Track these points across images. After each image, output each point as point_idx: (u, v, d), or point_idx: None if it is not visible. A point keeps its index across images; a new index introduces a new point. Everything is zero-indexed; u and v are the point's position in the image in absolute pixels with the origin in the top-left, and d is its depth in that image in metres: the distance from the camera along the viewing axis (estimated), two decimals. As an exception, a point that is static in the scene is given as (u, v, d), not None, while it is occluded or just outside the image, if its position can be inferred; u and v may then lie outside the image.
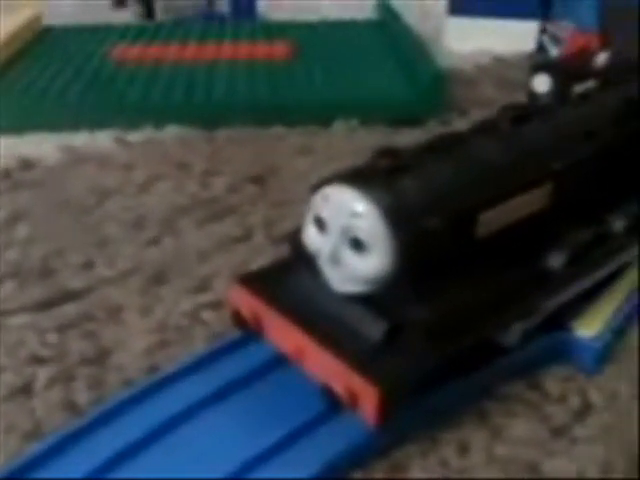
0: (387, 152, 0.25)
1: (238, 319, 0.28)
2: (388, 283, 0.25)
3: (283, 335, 0.27)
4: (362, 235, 0.24)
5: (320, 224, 0.26)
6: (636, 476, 0.27)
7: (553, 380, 0.30)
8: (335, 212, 0.25)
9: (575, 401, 0.30)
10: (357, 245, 0.24)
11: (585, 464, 0.27)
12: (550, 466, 0.27)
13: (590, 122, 0.30)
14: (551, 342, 0.31)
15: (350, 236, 0.24)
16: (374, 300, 0.26)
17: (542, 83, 0.33)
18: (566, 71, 0.33)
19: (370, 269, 0.24)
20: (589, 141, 0.29)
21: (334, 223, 0.25)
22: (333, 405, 0.25)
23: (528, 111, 0.29)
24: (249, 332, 0.28)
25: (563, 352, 0.31)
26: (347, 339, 0.25)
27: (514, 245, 0.27)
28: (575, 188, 0.29)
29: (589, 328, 0.31)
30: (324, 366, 0.25)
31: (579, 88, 0.32)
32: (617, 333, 0.32)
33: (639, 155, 0.32)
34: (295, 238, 0.28)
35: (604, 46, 0.37)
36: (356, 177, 0.25)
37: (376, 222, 0.24)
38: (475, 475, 0.27)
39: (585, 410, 0.29)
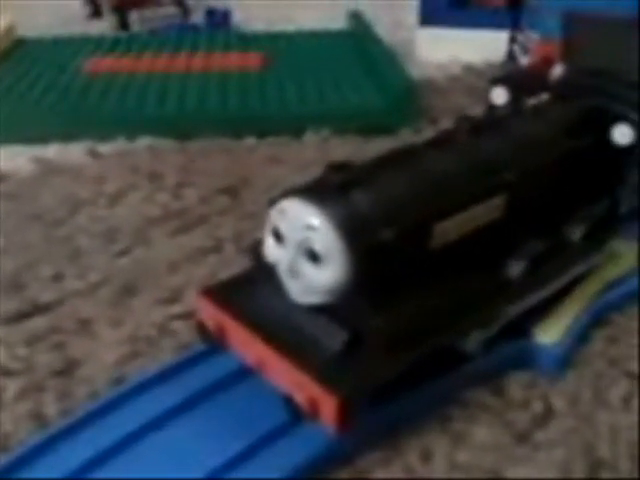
0: (340, 166, 0.26)
1: (202, 330, 0.28)
2: (346, 294, 0.25)
3: (245, 346, 0.27)
4: (317, 247, 0.25)
5: (278, 236, 0.26)
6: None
7: (516, 386, 0.31)
8: (291, 225, 0.25)
9: (538, 406, 0.30)
10: (313, 257, 0.25)
11: (546, 469, 0.28)
12: (513, 472, 0.28)
13: (543, 133, 0.31)
14: (513, 349, 0.31)
15: (306, 248, 0.25)
16: (334, 311, 0.26)
17: (500, 95, 0.34)
18: (522, 83, 0.33)
19: (326, 280, 0.25)
20: (542, 152, 0.30)
21: (291, 236, 0.25)
22: (295, 415, 0.25)
23: (484, 123, 0.29)
24: (213, 344, 0.28)
25: (525, 358, 0.32)
26: (308, 349, 0.26)
27: (471, 255, 0.28)
28: (530, 198, 0.30)
29: (550, 334, 0.32)
30: (285, 376, 0.25)
31: (534, 100, 0.33)
32: (578, 339, 0.33)
33: (594, 165, 0.32)
34: (257, 250, 0.28)
35: (564, 56, 0.38)
36: (311, 191, 0.25)
37: (330, 235, 0.24)
38: (438, 482, 0.27)
39: (548, 415, 0.30)
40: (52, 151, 0.53)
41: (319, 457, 0.26)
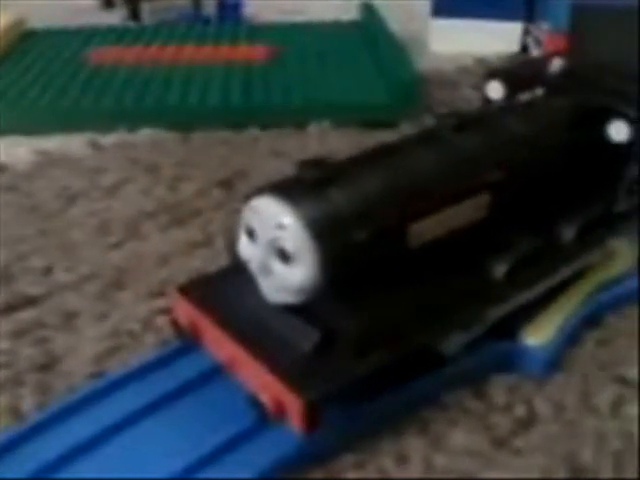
0: (315, 163, 0.25)
1: (177, 328, 0.28)
2: (318, 294, 0.25)
3: (217, 344, 0.27)
4: (288, 246, 0.24)
5: (250, 234, 0.25)
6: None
7: (499, 389, 0.30)
8: (263, 223, 0.25)
9: (520, 411, 0.29)
10: (284, 256, 0.24)
11: (524, 475, 0.27)
12: (489, 477, 0.27)
13: (534, 130, 0.30)
14: (497, 350, 0.30)
15: (277, 247, 0.24)
16: (307, 311, 0.25)
17: (495, 90, 0.33)
18: (518, 78, 0.32)
19: (296, 280, 0.24)
20: (532, 149, 0.29)
21: (262, 234, 0.25)
22: (261, 415, 0.25)
23: (471, 119, 0.28)
24: (187, 341, 0.28)
25: (511, 361, 0.31)
26: (278, 349, 0.25)
27: (453, 255, 0.27)
28: (517, 197, 0.29)
29: (538, 336, 0.31)
30: (253, 376, 0.25)
31: (527, 95, 0.32)
32: (569, 341, 0.32)
33: (589, 163, 0.31)
34: (233, 247, 0.28)
35: (570, 49, 0.36)
36: (284, 189, 0.25)
37: (300, 234, 0.24)
38: (413, 486, 0.26)
39: (530, 420, 0.29)
40: (53, 142, 0.53)
41: (289, 458, 0.26)
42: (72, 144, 0.53)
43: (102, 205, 0.45)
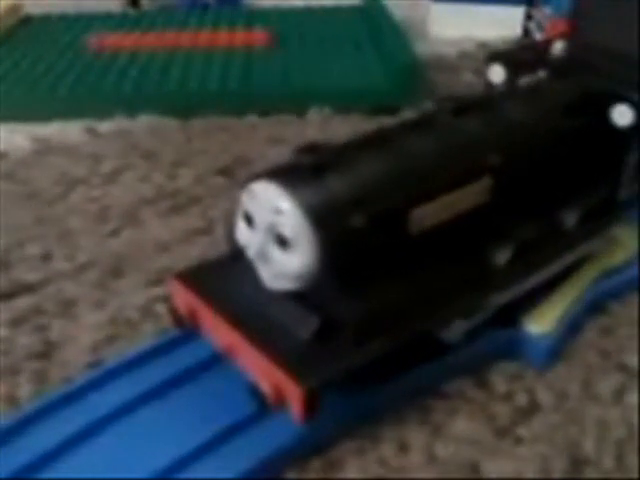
0: (312, 147, 0.25)
1: (175, 315, 0.28)
2: (317, 280, 0.24)
3: (216, 332, 0.26)
4: (286, 232, 0.24)
5: (249, 220, 0.25)
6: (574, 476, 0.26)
7: (500, 377, 0.30)
8: (261, 209, 0.24)
9: (522, 400, 0.29)
10: (282, 242, 0.24)
11: (525, 464, 0.26)
12: (490, 466, 0.27)
13: (535, 114, 0.29)
14: (499, 338, 0.30)
15: (275, 233, 0.24)
16: (306, 297, 0.25)
17: (497, 73, 0.32)
18: (520, 61, 0.32)
19: (295, 266, 0.24)
20: (533, 134, 0.29)
21: (260, 219, 0.24)
22: (261, 403, 0.24)
23: (469, 103, 0.28)
24: (186, 329, 0.28)
25: (513, 349, 0.31)
26: (277, 337, 0.25)
27: (453, 241, 0.27)
28: (519, 182, 0.28)
29: (540, 324, 0.31)
30: (253, 364, 0.25)
31: (529, 78, 0.31)
32: (571, 329, 0.32)
33: (592, 148, 0.31)
34: (232, 233, 0.27)
35: (571, 32, 0.36)
36: (282, 173, 0.24)
37: (298, 219, 0.23)
38: (413, 475, 0.26)
39: (531, 409, 0.29)
40: (52, 129, 0.52)
41: (289, 446, 0.26)
42: (70, 131, 0.52)
43: (100, 192, 0.44)
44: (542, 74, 0.32)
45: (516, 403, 0.29)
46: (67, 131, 0.52)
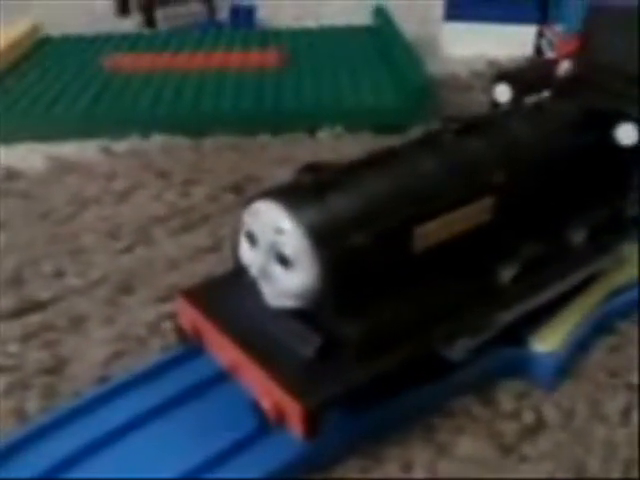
0: (314, 167, 0.25)
1: (181, 332, 0.28)
2: (320, 298, 0.24)
3: (220, 349, 0.27)
4: (287, 251, 0.24)
5: (251, 239, 0.25)
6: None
7: (507, 395, 0.30)
8: (263, 228, 0.25)
9: (528, 417, 0.29)
10: (283, 261, 0.24)
11: (529, 483, 0.26)
12: (493, 484, 0.26)
13: (539, 133, 0.29)
14: (505, 357, 0.30)
15: (277, 252, 0.24)
16: (309, 316, 0.25)
17: (502, 93, 0.32)
18: (526, 80, 0.32)
19: (296, 285, 0.24)
20: (537, 152, 0.29)
21: (262, 238, 0.25)
22: (262, 421, 0.24)
23: (473, 122, 0.28)
24: (191, 345, 0.28)
25: (519, 367, 0.30)
26: (280, 355, 0.25)
27: (458, 259, 0.27)
28: (523, 200, 0.28)
29: (547, 342, 0.31)
30: (255, 382, 0.25)
31: (533, 98, 0.32)
32: (578, 347, 0.32)
33: (598, 166, 0.31)
34: (237, 251, 0.27)
35: (582, 51, 0.36)
36: (284, 193, 0.25)
37: (299, 239, 0.24)
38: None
39: (538, 427, 0.29)
40: (67, 149, 0.53)
41: (290, 463, 0.26)
42: (86, 150, 0.53)
43: (113, 210, 0.45)
44: (547, 94, 0.32)
45: (522, 421, 0.29)
46: (83, 150, 0.53)
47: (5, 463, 0.27)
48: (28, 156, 0.52)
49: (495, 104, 0.33)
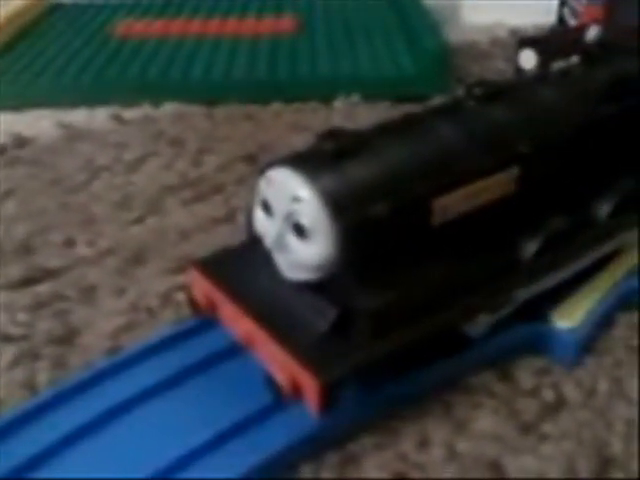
0: (334, 134, 0.24)
1: (193, 304, 0.27)
2: (336, 271, 0.24)
3: (234, 322, 0.26)
4: (304, 221, 0.23)
5: (266, 208, 0.25)
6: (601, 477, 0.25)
7: (526, 372, 0.29)
8: (279, 196, 0.24)
9: (548, 395, 0.28)
10: (300, 231, 0.23)
11: (549, 463, 0.26)
12: (513, 464, 0.26)
13: (567, 101, 0.28)
14: (525, 333, 0.29)
15: (293, 221, 0.23)
16: (325, 288, 0.24)
17: (528, 59, 0.31)
18: (553, 46, 0.30)
19: (312, 256, 0.23)
20: (564, 121, 0.27)
21: (278, 207, 0.24)
22: (276, 395, 0.24)
23: (498, 89, 0.27)
24: (204, 317, 0.27)
25: (540, 344, 0.30)
26: (295, 328, 0.24)
27: (479, 233, 0.26)
28: (548, 172, 0.27)
29: (568, 319, 0.30)
30: (269, 355, 0.24)
31: (561, 64, 0.30)
32: (601, 324, 0.31)
33: (627, 136, 0.30)
34: (251, 221, 0.27)
35: (607, 18, 0.34)
36: (301, 160, 0.24)
37: (317, 208, 0.23)
38: (433, 471, 0.26)
39: (558, 405, 0.28)
40: (77, 116, 0.52)
41: (304, 438, 0.25)
42: (96, 118, 0.52)
43: (124, 179, 0.44)
44: (575, 60, 0.31)
45: (542, 399, 0.28)
46: (93, 118, 0.52)
47: (14, 435, 0.26)
48: (37, 123, 0.52)
49: (520, 70, 0.32)
